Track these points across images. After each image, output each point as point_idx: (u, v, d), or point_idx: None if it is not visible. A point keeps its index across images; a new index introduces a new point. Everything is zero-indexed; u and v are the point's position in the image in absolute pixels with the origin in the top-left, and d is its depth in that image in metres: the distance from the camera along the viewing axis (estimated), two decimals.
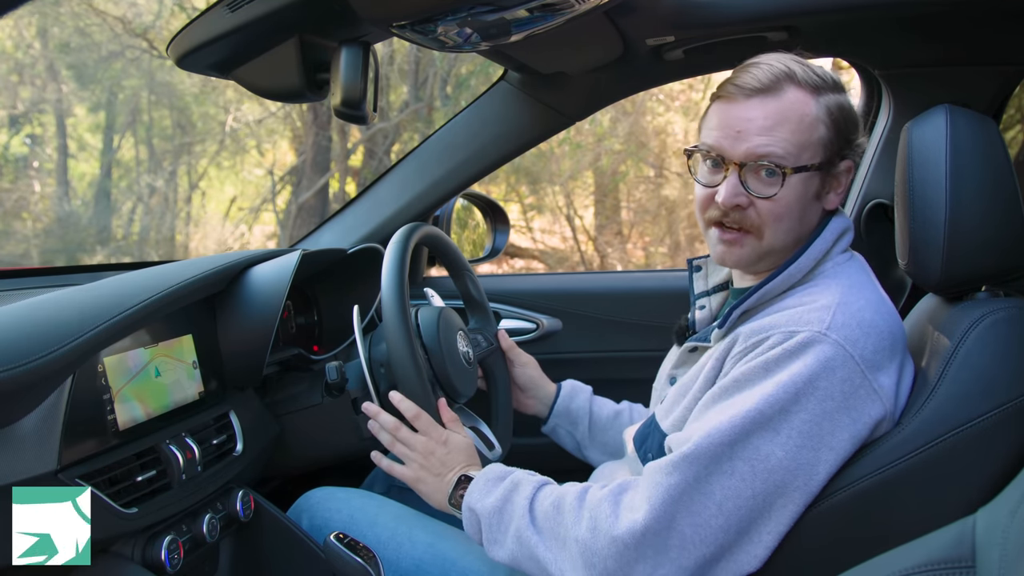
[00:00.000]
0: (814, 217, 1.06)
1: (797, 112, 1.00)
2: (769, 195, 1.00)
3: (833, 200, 1.07)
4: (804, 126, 1.01)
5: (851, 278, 1.02)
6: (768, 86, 1.01)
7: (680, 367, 1.18)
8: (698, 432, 0.93)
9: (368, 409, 1.23)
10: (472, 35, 1.12)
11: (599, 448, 1.43)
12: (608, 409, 1.44)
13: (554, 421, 1.45)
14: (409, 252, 1.25)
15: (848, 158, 1.06)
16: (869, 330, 0.95)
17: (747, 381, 0.95)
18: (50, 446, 0.91)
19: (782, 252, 1.06)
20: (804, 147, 1.01)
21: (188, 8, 5.84)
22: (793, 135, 1.00)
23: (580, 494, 0.99)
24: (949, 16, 1.33)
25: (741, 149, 1.01)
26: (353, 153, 6.62)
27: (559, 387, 1.47)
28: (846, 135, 1.04)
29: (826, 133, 1.02)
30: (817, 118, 1.01)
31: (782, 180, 1.00)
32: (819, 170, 1.03)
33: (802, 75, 1.02)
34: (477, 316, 1.54)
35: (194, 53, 1.12)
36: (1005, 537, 0.57)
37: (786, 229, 1.03)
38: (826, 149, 1.03)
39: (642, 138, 6.43)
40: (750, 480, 0.91)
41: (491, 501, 1.04)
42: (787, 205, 1.01)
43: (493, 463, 1.12)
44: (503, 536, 1.02)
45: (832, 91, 1.03)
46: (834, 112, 1.02)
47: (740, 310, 1.04)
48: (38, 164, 6.09)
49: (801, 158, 1.01)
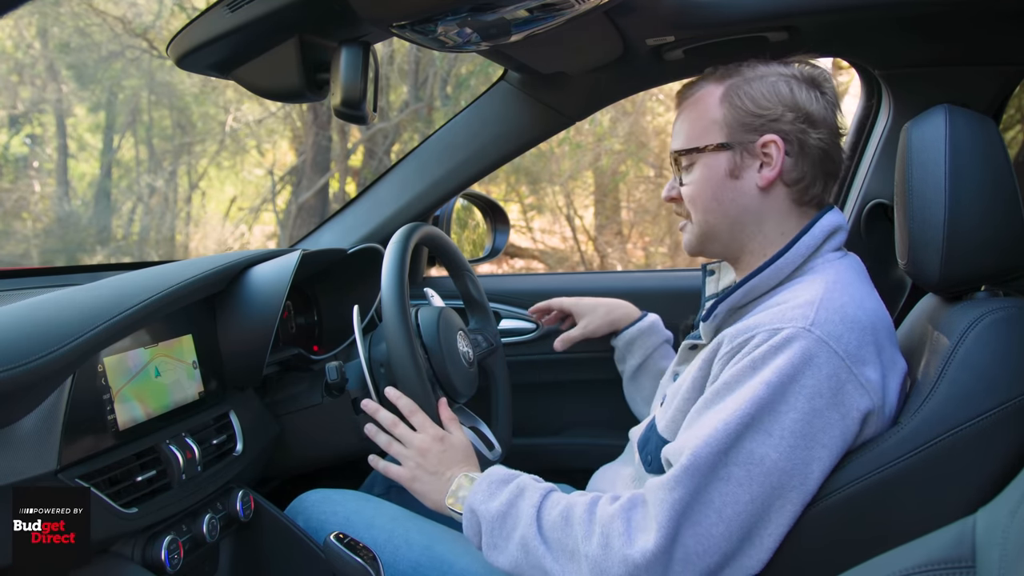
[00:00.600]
0: (740, 196, 1.09)
1: (698, 104, 1.11)
2: (683, 183, 1.13)
3: (767, 176, 1.07)
4: (699, 114, 1.11)
5: (838, 274, 1.02)
6: (688, 94, 1.14)
7: (681, 364, 1.19)
8: (693, 441, 0.93)
9: (367, 406, 1.23)
10: (472, 35, 1.12)
11: (636, 387, 1.51)
12: (665, 363, 1.49)
13: (617, 342, 1.53)
14: (409, 252, 1.25)
15: (771, 132, 1.07)
16: (852, 325, 0.95)
17: (736, 382, 0.95)
18: (50, 446, 0.91)
19: (720, 236, 1.12)
20: (702, 132, 1.10)
21: (188, 8, 5.84)
22: (693, 125, 1.11)
23: (590, 507, 0.98)
24: (949, 16, 1.33)
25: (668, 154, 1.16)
26: (353, 153, 6.62)
27: (643, 316, 1.54)
28: (755, 113, 1.07)
29: (723, 113, 1.08)
30: (713, 103, 1.09)
31: (690, 168, 1.11)
32: (721, 150, 1.08)
33: (725, 71, 1.11)
34: (477, 316, 1.54)
35: (194, 53, 1.12)
36: (1005, 537, 0.57)
37: (704, 209, 1.11)
38: (724, 128, 1.08)
39: (642, 138, 6.44)
40: (747, 484, 0.91)
41: (495, 505, 1.02)
42: (696, 187, 1.11)
43: (496, 465, 1.11)
44: (505, 542, 1.01)
45: (753, 78, 1.08)
46: (734, 93, 1.08)
47: (726, 304, 1.05)
48: (38, 164, 6.09)
49: (694, 142, 1.10)
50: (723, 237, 1.12)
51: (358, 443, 1.33)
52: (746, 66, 1.11)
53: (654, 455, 1.08)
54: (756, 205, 1.09)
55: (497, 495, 1.04)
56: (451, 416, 1.21)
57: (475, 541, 1.05)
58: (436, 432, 1.17)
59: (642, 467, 1.12)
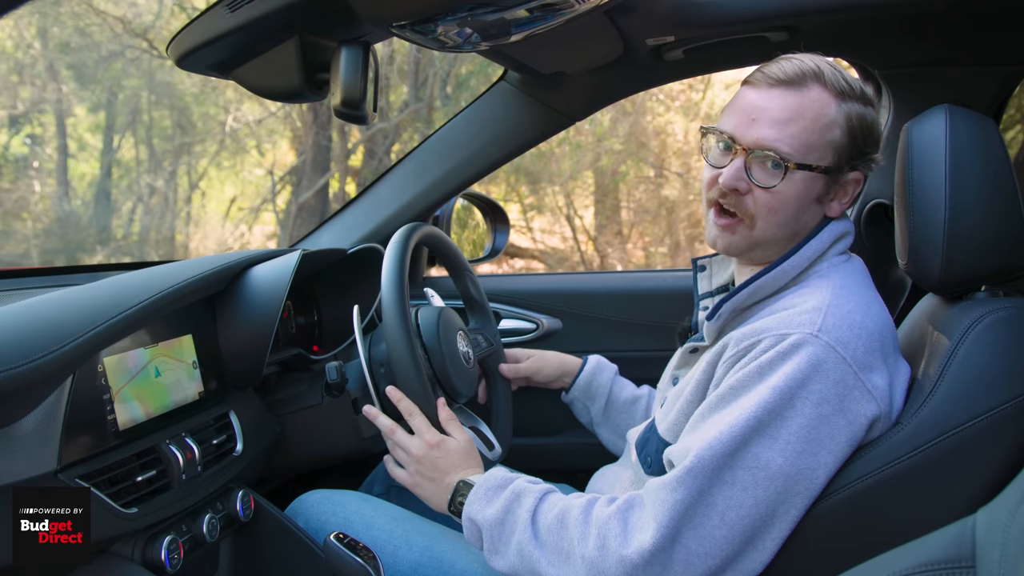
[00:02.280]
0: (812, 220, 1.06)
1: (814, 111, 1.01)
2: (768, 186, 1.01)
3: (836, 208, 1.06)
4: (818, 126, 1.01)
5: (844, 279, 1.02)
6: (792, 79, 1.01)
7: (681, 368, 1.18)
8: (698, 443, 0.92)
9: (368, 412, 1.23)
10: (472, 35, 1.12)
11: (611, 428, 1.45)
12: (627, 392, 1.45)
13: (574, 394, 1.47)
14: (409, 252, 1.25)
15: (859, 170, 1.05)
16: (860, 332, 0.95)
17: (742, 387, 0.94)
18: (50, 446, 0.91)
19: (772, 247, 1.06)
20: (813, 147, 1.01)
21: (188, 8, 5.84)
22: (804, 132, 1.00)
23: (585, 508, 0.98)
24: (949, 16, 1.33)
25: (751, 136, 1.02)
26: (353, 153, 6.62)
27: (585, 360, 1.48)
28: (861, 146, 1.03)
29: (840, 138, 1.02)
30: (833, 121, 1.01)
31: (783, 174, 1.00)
32: (825, 173, 1.03)
33: (830, 76, 1.02)
34: (477, 316, 1.54)
35: (194, 53, 1.12)
36: (1005, 537, 0.57)
37: (779, 223, 1.04)
38: (836, 154, 1.02)
39: (642, 138, 6.43)
40: (751, 489, 0.91)
41: (492, 512, 1.03)
42: (784, 200, 1.02)
43: (494, 468, 1.11)
44: (504, 548, 1.01)
45: (857, 100, 1.03)
46: (853, 120, 1.02)
47: (730, 305, 1.04)
48: (38, 164, 6.09)
49: (808, 157, 1.01)
50: (775, 249, 1.07)
51: (358, 443, 1.32)
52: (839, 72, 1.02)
53: (654, 457, 1.08)
54: (816, 225, 1.07)
55: (493, 501, 1.04)
56: (450, 416, 1.21)
57: (477, 546, 1.05)
58: (432, 438, 1.16)
59: (640, 468, 1.12)
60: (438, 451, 1.15)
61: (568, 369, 1.49)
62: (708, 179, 1.07)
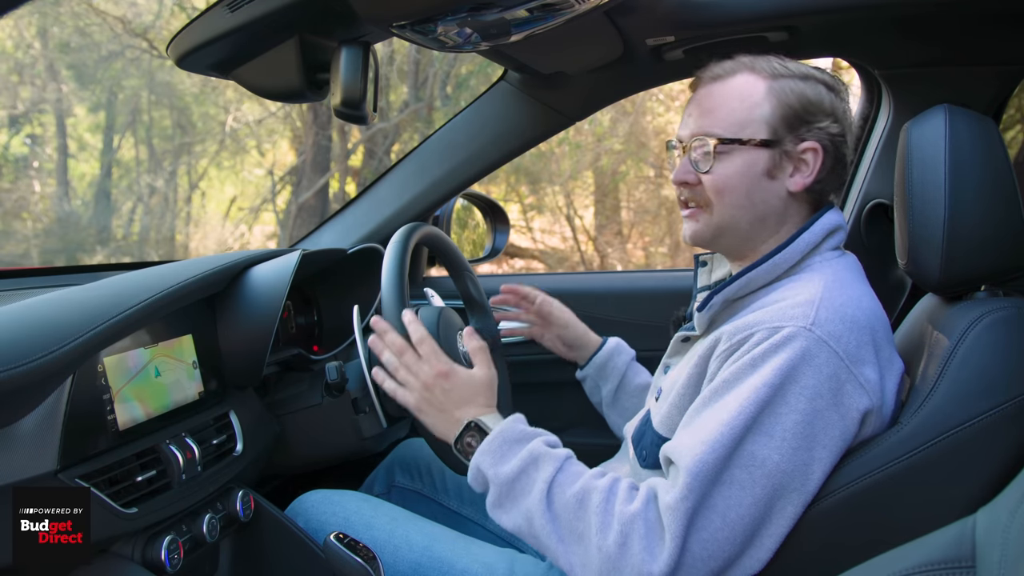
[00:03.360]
0: (772, 196, 1.06)
1: (740, 92, 1.06)
2: (706, 169, 1.06)
3: (799, 182, 1.06)
4: (745, 105, 1.05)
5: (836, 274, 1.02)
6: (720, 73, 1.08)
7: (673, 356, 1.19)
8: (699, 447, 0.92)
9: (377, 324, 1.15)
10: (472, 35, 1.12)
11: (620, 412, 1.46)
12: (641, 378, 1.46)
13: (588, 371, 1.48)
14: (409, 252, 1.25)
15: (810, 139, 1.05)
16: (852, 325, 0.95)
17: (735, 380, 0.94)
18: (50, 446, 0.91)
19: (739, 231, 1.08)
20: (743, 124, 1.05)
21: (188, 8, 5.84)
22: (732, 113, 1.05)
23: (607, 495, 0.95)
24: (948, 16, 1.33)
25: (687, 131, 1.09)
26: (353, 153, 6.63)
27: (604, 341, 1.50)
28: (802, 115, 1.05)
29: (771, 111, 1.05)
30: (762, 98, 1.05)
31: (714, 154, 1.05)
32: (764, 147, 1.04)
33: (762, 65, 1.07)
34: (477, 316, 1.54)
35: (194, 53, 1.12)
36: (1005, 537, 0.57)
37: (732, 204, 1.06)
38: (770, 127, 1.04)
39: (642, 138, 6.44)
40: (749, 487, 0.90)
41: (505, 470, 0.99)
42: (727, 178, 1.05)
43: (512, 417, 1.06)
44: (511, 507, 0.99)
45: (793, 78, 1.06)
46: (786, 93, 1.05)
47: (722, 296, 1.05)
48: (38, 164, 6.09)
49: (737, 133, 1.05)
50: (741, 234, 1.09)
51: (358, 443, 1.32)
52: (777, 62, 1.07)
53: (649, 450, 1.08)
54: (782, 207, 1.07)
55: (508, 458, 1.00)
56: (480, 346, 1.14)
57: (477, 490, 1.03)
58: (441, 367, 1.09)
59: (637, 462, 1.12)
60: (447, 382, 1.09)
61: (587, 342, 1.50)
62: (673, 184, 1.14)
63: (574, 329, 1.50)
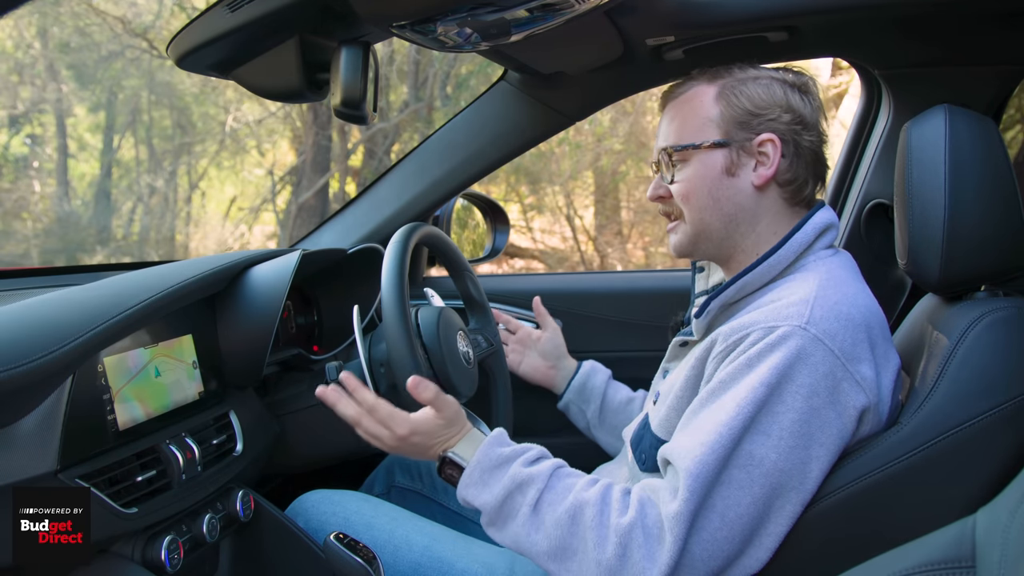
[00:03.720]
0: (738, 194, 1.09)
1: (691, 103, 1.12)
2: (672, 180, 1.12)
3: (762, 175, 1.08)
4: (696, 112, 1.11)
5: (830, 272, 1.02)
6: (678, 92, 1.15)
7: (672, 361, 1.19)
8: (698, 449, 0.92)
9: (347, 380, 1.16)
10: (472, 35, 1.12)
11: (608, 430, 1.46)
12: (622, 395, 1.47)
13: (568, 397, 1.49)
14: (409, 252, 1.25)
15: (765, 131, 1.08)
16: (847, 323, 0.95)
17: (732, 380, 0.94)
18: (50, 446, 0.91)
19: (714, 236, 1.11)
20: (697, 130, 1.10)
21: (188, 8, 5.84)
22: (685, 122, 1.11)
23: (600, 507, 0.95)
24: (948, 16, 1.33)
25: (655, 151, 1.16)
26: (353, 153, 6.63)
27: (579, 364, 1.51)
28: (749, 108, 1.08)
29: (719, 113, 1.09)
30: (709, 100, 1.10)
31: (670, 164, 1.12)
32: (718, 147, 1.08)
33: (720, 74, 1.11)
34: (477, 316, 1.54)
35: (194, 53, 1.12)
36: (1005, 537, 0.57)
37: (699, 206, 1.10)
38: (719, 126, 1.08)
39: (642, 138, 6.44)
40: (748, 486, 0.91)
41: (489, 499, 1.00)
42: (689, 184, 1.10)
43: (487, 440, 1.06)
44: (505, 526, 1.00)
45: (747, 81, 1.09)
46: (735, 94, 1.09)
47: (719, 301, 1.05)
48: (38, 164, 6.09)
49: (688, 139, 1.10)
50: (717, 236, 1.11)
51: (358, 443, 1.32)
52: (736, 68, 1.12)
53: (648, 454, 1.08)
54: (751, 204, 1.09)
55: (491, 486, 1.01)
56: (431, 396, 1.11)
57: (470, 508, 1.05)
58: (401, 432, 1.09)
59: (636, 466, 1.12)
60: (415, 436, 1.09)
61: (563, 356, 1.53)
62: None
63: (556, 338, 1.54)
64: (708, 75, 1.12)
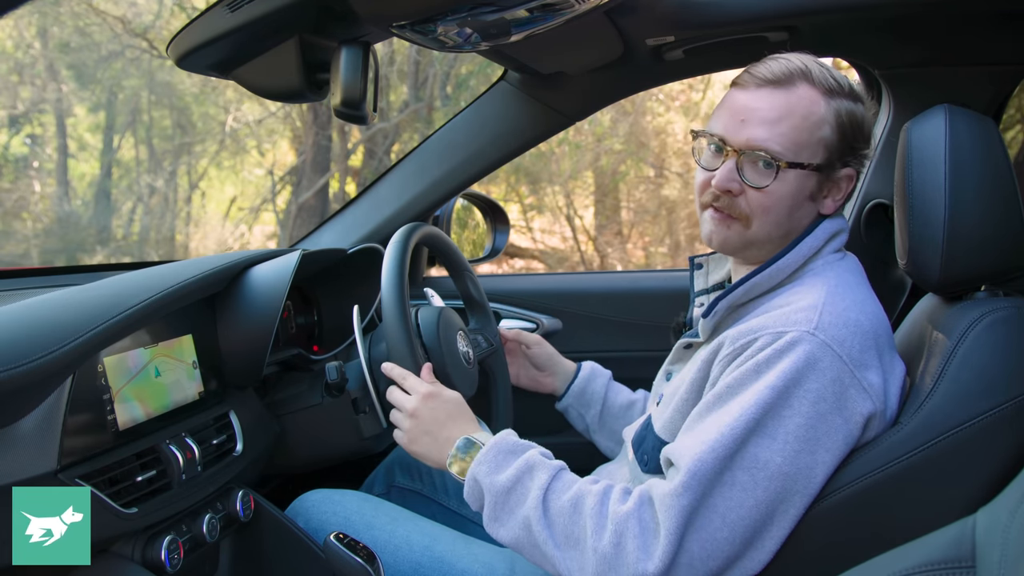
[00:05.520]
0: (806, 218, 1.06)
1: (803, 109, 1.01)
2: (761, 186, 1.02)
3: (830, 206, 1.07)
4: (808, 124, 1.01)
5: (839, 277, 1.02)
6: (780, 79, 1.02)
7: (676, 363, 1.18)
8: (699, 447, 0.92)
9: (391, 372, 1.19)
10: (472, 35, 1.12)
11: (607, 434, 1.44)
12: (623, 397, 1.45)
13: (568, 401, 1.47)
14: (409, 252, 1.25)
15: (851, 166, 1.06)
16: (855, 329, 0.95)
17: (739, 385, 0.94)
18: (50, 446, 0.91)
19: (767, 245, 1.07)
20: (804, 145, 1.02)
21: (188, 8, 5.84)
22: (794, 131, 1.01)
23: (601, 498, 0.96)
24: (948, 16, 1.33)
25: (742, 137, 1.02)
26: (353, 153, 6.62)
27: (579, 367, 1.48)
28: (851, 142, 1.04)
29: (830, 135, 1.02)
30: (823, 119, 1.02)
31: (775, 173, 1.01)
32: (817, 171, 1.03)
33: (818, 75, 1.02)
34: (477, 316, 1.54)
35: (194, 53, 1.12)
36: (1005, 537, 0.57)
37: (773, 222, 1.04)
38: (827, 151, 1.03)
39: (642, 138, 6.44)
40: (751, 489, 0.90)
41: (501, 479, 1.00)
42: (778, 199, 1.03)
43: (504, 431, 1.08)
44: (507, 518, 0.99)
45: (846, 97, 1.03)
46: (843, 117, 1.03)
47: (726, 302, 1.04)
48: (38, 164, 6.09)
49: (800, 155, 1.02)
50: (769, 248, 1.07)
51: (358, 443, 1.32)
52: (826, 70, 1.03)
53: (651, 455, 1.08)
54: (811, 224, 1.07)
55: (504, 467, 1.01)
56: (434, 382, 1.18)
57: (475, 507, 1.03)
58: (424, 390, 1.13)
59: (637, 466, 1.12)
60: (433, 402, 1.12)
61: (558, 364, 1.49)
62: (701, 182, 1.08)
63: (544, 348, 1.50)
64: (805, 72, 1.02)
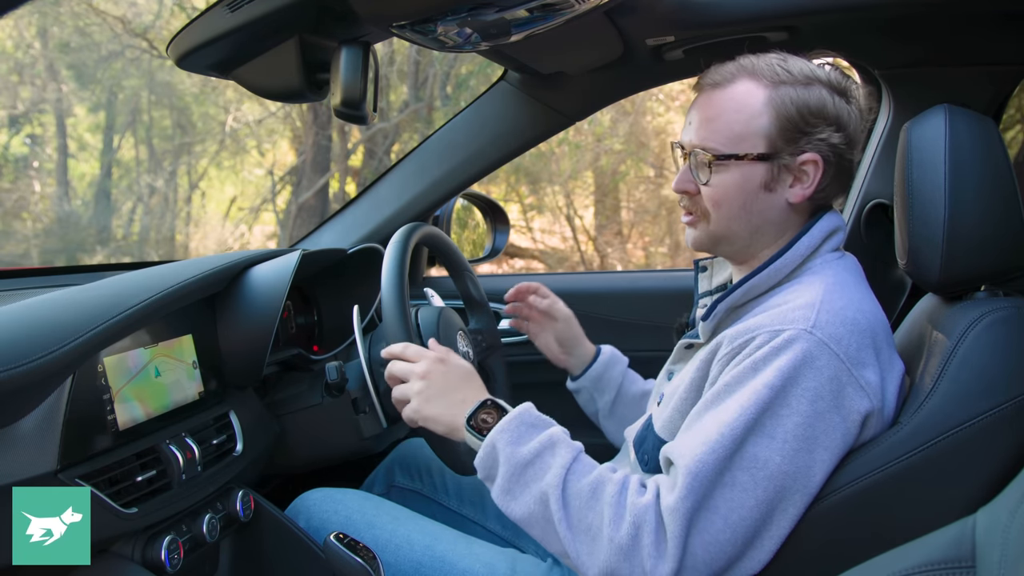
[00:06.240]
0: (770, 209, 1.06)
1: (738, 103, 1.04)
2: (704, 181, 1.06)
3: (798, 194, 1.05)
4: (742, 116, 1.04)
5: (836, 276, 1.02)
6: (720, 81, 1.06)
7: (677, 363, 1.18)
8: (699, 448, 0.92)
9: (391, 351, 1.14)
10: (472, 35, 1.12)
11: (617, 421, 1.44)
12: (637, 387, 1.44)
13: (582, 383, 1.45)
14: (409, 252, 1.25)
15: (811, 151, 1.03)
16: (853, 328, 0.95)
17: (737, 384, 0.94)
18: (50, 446, 0.91)
19: (737, 241, 1.08)
20: (740, 137, 1.04)
21: (188, 8, 5.84)
22: (730, 125, 1.04)
23: (621, 488, 0.94)
24: (948, 16, 1.33)
25: (687, 139, 1.08)
26: (353, 153, 6.63)
27: (598, 350, 1.46)
28: (801, 127, 1.02)
29: (768, 124, 1.03)
30: (759, 110, 1.03)
31: (714, 167, 1.05)
32: (761, 160, 1.03)
33: (764, 68, 1.04)
34: (477, 316, 1.54)
35: (194, 53, 1.12)
36: (1005, 537, 0.57)
37: (729, 216, 1.06)
38: (768, 140, 1.03)
39: (642, 138, 6.44)
40: (751, 489, 0.90)
41: (523, 451, 0.97)
42: (724, 191, 1.05)
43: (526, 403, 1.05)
44: (522, 492, 0.96)
45: (796, 84, 1.03)
46: (786, 103, 1.02)
47: (725, 304, 1.04)
48: (38, 164, 6.09)
49: (738, 147, 1.04)
50: (739, 243, 1.09)
51: (358, 443, 1.32)
52: (778, 62, 1.04)
53: (651, 454, 1.08)
54: (781, 218, 1.07)
55: (526, 439, 0.98)
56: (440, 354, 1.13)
57: (485, 475, 1.00)
58: (435, 354, 1.10)
59: (639, 467, 1.12)
60: (445, 365, 1.09)
61: (581, 346, 1.46)
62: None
63: (572, 327, 1.48)
64: (752, 69, 1.04)
